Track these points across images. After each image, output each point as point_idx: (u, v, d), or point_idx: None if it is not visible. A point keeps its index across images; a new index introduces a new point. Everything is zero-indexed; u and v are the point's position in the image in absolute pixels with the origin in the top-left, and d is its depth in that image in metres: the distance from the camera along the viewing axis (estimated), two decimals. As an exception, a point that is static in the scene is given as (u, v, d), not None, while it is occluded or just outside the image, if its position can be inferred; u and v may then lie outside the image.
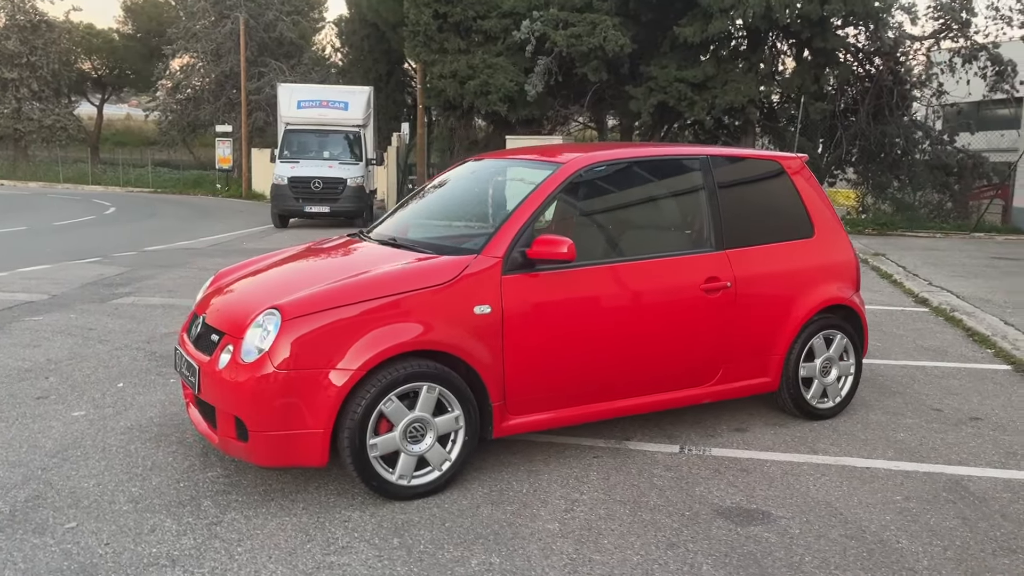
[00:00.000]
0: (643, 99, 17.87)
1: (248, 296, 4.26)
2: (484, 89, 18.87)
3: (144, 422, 5.03)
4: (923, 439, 4.88)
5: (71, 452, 4.53)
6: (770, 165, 5.21)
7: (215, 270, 5.31)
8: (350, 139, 19.74)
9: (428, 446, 3.96)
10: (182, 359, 4.31)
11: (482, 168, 5.25)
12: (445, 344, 3.94)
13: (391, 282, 3.98)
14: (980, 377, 6.27)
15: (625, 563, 3.38)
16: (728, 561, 3.40)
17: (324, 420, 3.74)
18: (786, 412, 5.21)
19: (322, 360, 3.74)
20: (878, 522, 3.78)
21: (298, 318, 3.77)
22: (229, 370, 3.82)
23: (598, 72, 17.74)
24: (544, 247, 4.10)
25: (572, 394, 4.35)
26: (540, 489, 4.11)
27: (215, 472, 4.29)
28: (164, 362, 6.41)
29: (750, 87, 17.18)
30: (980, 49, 17.70)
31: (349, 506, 3.90)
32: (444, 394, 3.96)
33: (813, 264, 5.10)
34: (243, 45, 29.81)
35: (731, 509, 3.91)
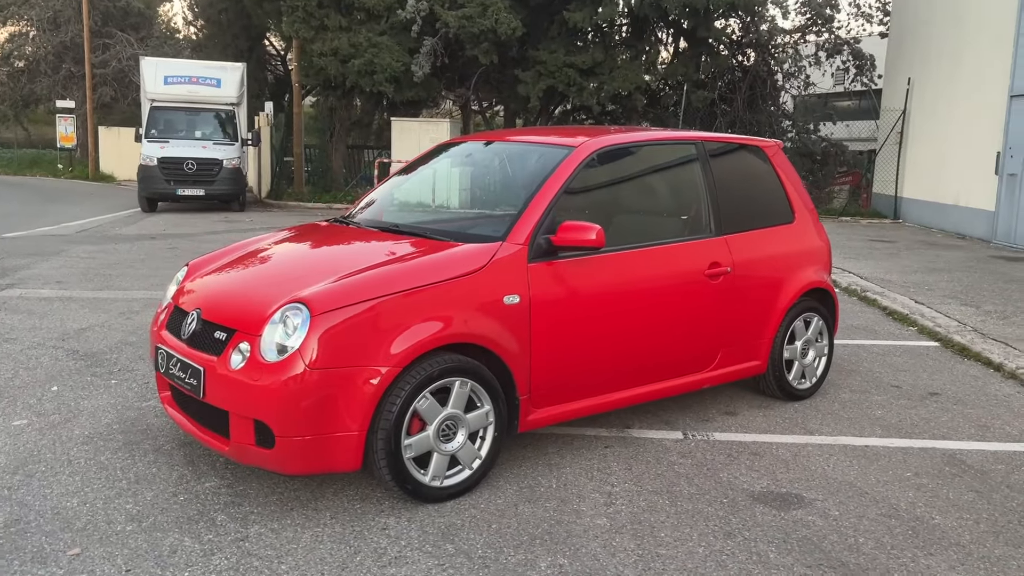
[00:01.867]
0: (532, 83, 17.87)
1: (253, 289, 3.89)
2: (369, 69, 18.27)
3: (103, 430, 4.53)
4: (900, 416, 5.09)
5: (33, 467, 4.01)
6: (753, 150, 5.27)
7: (95, 258, 4.85)
8: (223, 118, 18.68)
9: (460, 444, 3.76)
10: (170, 359, 3.89)
11: (479, 151, 5.03)
12: (478, 337, 3.74)
13: (421, 272, 3.74)
14: (917, 354, 6.64)
15: (693, 555, 3.32)
16: (789, 547, 3.41)
17: (359, 421, 3.47)
18: (767, 394, 5.31)
19: (356, 357, 3.46)
20: (905, 500, 3.90)
21: (328, 312, 3.46)
22: (248, 371, 3.47)
23: (489, 55, 17.57)
24: (571, 233, 3.96)
25: (591, 384, 4.25)
26: (569, 483, 3.99)
27: (212, 482, 3.91)
28: (92, 361, 5.82)
29: (637, 74, 17.52)
30: (844, 44, 18.82)
31: (379, 512, 3.64)
32: (475, 389, 3.76)
33: (795, 249, 5.21)
34: (86, 13, 27.58)
35: (764, 494, 3.92)
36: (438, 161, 5.11)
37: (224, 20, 27.71)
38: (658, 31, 19.46)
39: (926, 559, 3.34)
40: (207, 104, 18.69)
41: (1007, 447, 4.62)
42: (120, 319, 7.15)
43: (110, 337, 6.51)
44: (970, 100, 14.60)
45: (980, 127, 14.20)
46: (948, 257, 11.96)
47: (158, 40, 34.16)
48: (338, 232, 4.60)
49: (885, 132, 17.70)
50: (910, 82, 16.84)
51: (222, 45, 27.93)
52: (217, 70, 19.35)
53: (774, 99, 19.43)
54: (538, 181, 4.18)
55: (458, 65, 19.44)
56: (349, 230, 4.59)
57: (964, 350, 6.65)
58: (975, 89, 14.42)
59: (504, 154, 4.80)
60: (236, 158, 18.01)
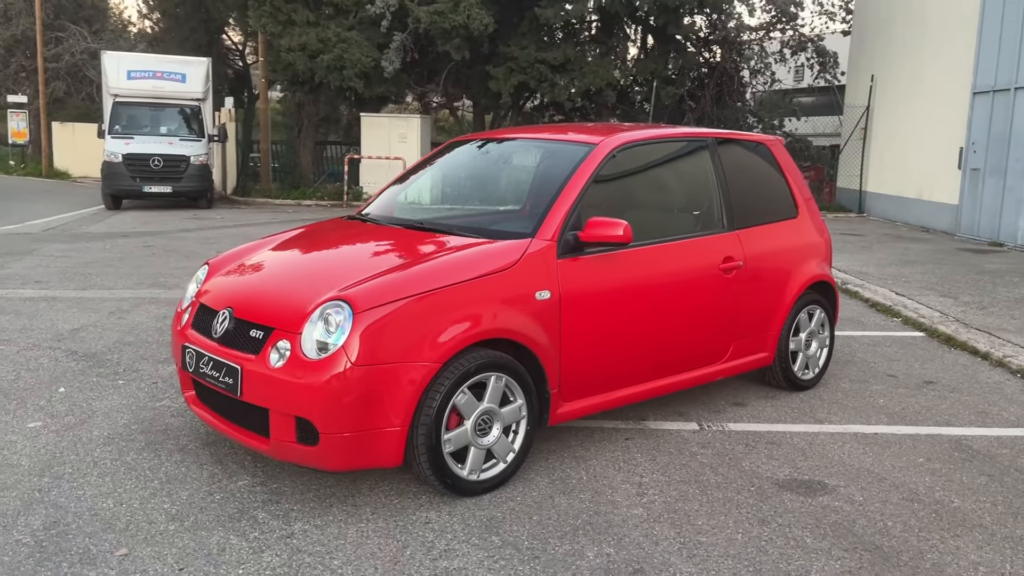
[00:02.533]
0: (504, 79, 17.91)
1: (287, 286, 3.89)
2: (339, 64, 18.14)
3: (121, 430, 4.49)
4: (902, 404, 5.26)
5: (59, 469, 3.97)
6: (758, 147, 5.38)
7: (70, 257, 4.82)
8: (188, 113, 18.39)
9: (495, 438, 3.81)
10: (201, 358, 3.87)
11: (495, 148, 5.05)
12: (513, 332, 3.80)
13: (457, 268, 3.77)
14: (905, 344, 6.84)
15: (733, 542, 3.42)
16: (823, 532, 3.52)
17: (402, 417, 3.50)
18: (772, 385, 5.44)
19: (398, 353, 3.49)
20: (923, 484, 4.04)
21: (371, 309, 3.49)
22: (290, 369, 3.47)
23: (461, 51, 17.56)
24: (599, 229, 4.03)
25: (615, 378, 4.33)
26: (599, 475, 4.06)
27: (244, 480, 3.91)
28: (94, 362, 5.75)
29: (608, 70, 17.66)
30: (808, 41, 19.18)
31: (418, 506, 3.68)
32: (509, 384, 3.81)
33: (800, 243, 5.35)
34: (38, 6, 26.89)
35: (789, 481, 4.04)
36: (452, 158, 5.15)
37: (181, 13, 27.27)
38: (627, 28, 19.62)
39: (954, 540, 3.48)
40: (172, 99, 18.39)
41: (1008, 432, 4.81)
42: (111, 319, 7.05)
43: (106, 337, 6.42)
44: (933, 97, 14.99)
45: (943, 123, 14.59)
46: (917, 250, 12.30)
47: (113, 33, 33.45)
48: (360, 229, 4.61)
49: (849, 128, 18.09)
50: (873, 79, 17.23)
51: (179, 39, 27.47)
52: (182, 64, 19.04)
53: (740, 96, 19.73)
54: (563, 178, 4.24)
55: (428, 61, 19.38)
56: (371, 227, 4.60)
57: (950, 340, 6.86)
58: (938, 86, 14.81)
59: (522, 151, 4.85)
60: (203, 154, 17.78)
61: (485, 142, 5.18)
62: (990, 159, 13.30)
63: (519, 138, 4.98)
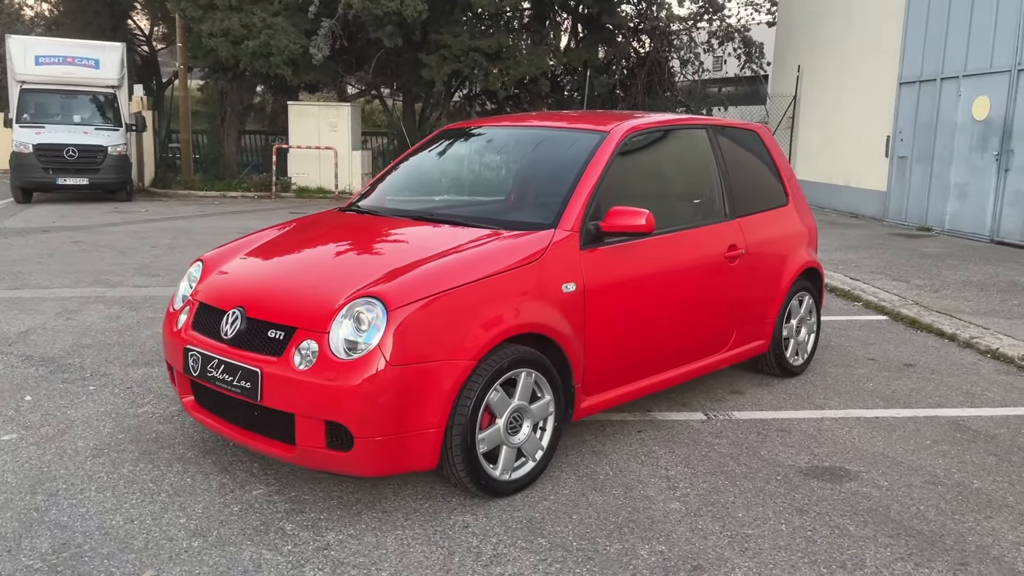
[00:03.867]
0: (437, 67, 17.63)
1: (304, 283, 3.66)
2: (265, 51, 17.53)
3: (108, 440, 4.19)
4: (891, 387, 5.36)
5: (51, 485, 3.66)
6: (749, 134, 5.38)
7: None
8: (102, 101, 17.51)
9: (526, 436, 3.69)
10: (208, 362, 3.62)
11: (500, 137, 4.88)
12: (542, 326, 3.67)
13: (484, 261, 3.62)
14: (873, 328, 7.00)
15: (779, 533, 3.39)
16: (863, 519, 3.52)
17: (438, 417, 3.34)
18: (764, 372, 5.47)
19: (433, 351, 3.33)
20: (939, 467, 4.10)
21: (405, 306, 3.31)
22: (319, 370, 3.27)
23: (393, 38, 17.19)
24: (621, 219, 3.94)
25: (633, 370, 4.26)
26: (623, 470, 3.98)
27: (259, 489, 3.68)
28: (55, 367, 5.37)
29: (542, 59, 17.59)
30: (735, 32, 19.53)
31: (451, 510, 3.53)
32: (538, 379, 3.69)
33: (791, 231, 5.38)
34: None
35: (811, 469, 4.04)
36: (446, 147, 4.97)
37: (83, -5, 25.91)
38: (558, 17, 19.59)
39: (987, 522, 3.53)
40: (85, 87, 17.46)
41: (999, 412, 4.94)
42: (60, 320, 6.61)
43: (60, 340, 6.01)
44: (860, 87, 15.45)
45: (870, 112, 15.06)
46: (855, 235, 12.66)
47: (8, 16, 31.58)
48: (365, 221, 4.40)
49: (776, 117, 18.51)
50: (800, 69, 17.67)
51: (82, 23, 26.11)
52: (95, 50, 18.08)
53: (670, 85, 19.97)
54: (578, 166, 4.13)
55: (356, 48, 18.93)
56: (376, 219, 4.39)
57: (915, 323, 7.06)
58: (865, 76, 15.28)
59: (529, 140, 4.70)
60: (122, 144, 16.99)
61: (481, 130, 5.01)
62: (917, 147, 13.80)
63: (519, 126, 4.83)
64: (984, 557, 3.24)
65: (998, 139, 11.92)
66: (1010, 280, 8.83)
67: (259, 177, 19.76)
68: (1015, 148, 11.61)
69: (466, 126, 5.13)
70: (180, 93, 20.35)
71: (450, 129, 5.15)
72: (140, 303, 7.29)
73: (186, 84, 20.40)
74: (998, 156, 11.92)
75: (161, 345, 5.90)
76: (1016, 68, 11.62)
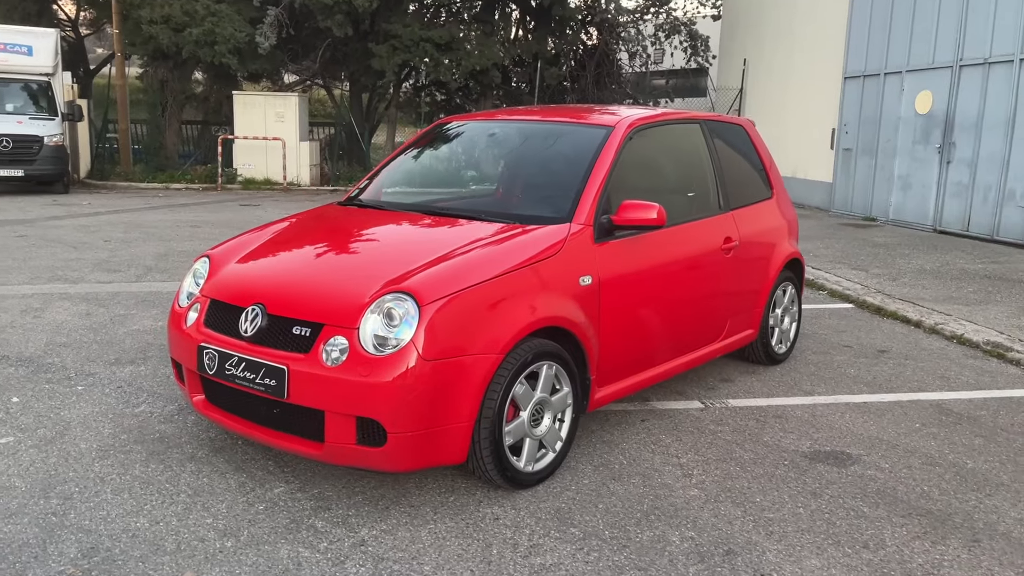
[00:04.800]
0: (387, 58, 17.46)
1: (328, 279, 3.63)
2: (209, 39, 17.11)
3: (112, 441, 4.09)
4: (871, 373, 5.56)
5: (64, 489, 3.57)
6: (738, 128, 5.50)
7: None
8: (36, 90, 16.85)
9: (547, 428, 3.74)
10: (227, 359, 3.56)
11: (503, 130, 4.89)
12: (564, 319, 3.72)
13: (507, 255, 3.65)
14: (842, 316, 7.24)
15: (799, 517, 3.51)
16: (875, 500, 3.67)
17: (468, 411, 3.37)
18: (751, 360, 5.62)
19: (464, 346, 3.34)
20: (932, 449, 4.29)
21: (436, 301, 3.32)
22: (351, 366, 3.26)
23: (343, 27, 16.96)
24: (633, 212, 4.00)
25: (641, 360, 4.34)
26: (636, 459, 4.06)
27: (280, 487, 3.65)
28: (35, 367, 5.22)
29: (493, 51, 17.57)
30: (681, 25, 19.82)
31: (477, 503, 3.56)
32: (558, 372, 3.74)
33: (777, 223, 5.53)
34: None
35: (815, 453, 4.19)
36: (449, 140, 4.96)
37: (5, -22, 24.85)
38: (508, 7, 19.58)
39: (988, 500, 3.72)
40: (18, 74, 16.79)
41: (975, 395, 5.18)
42: (27, 318, 6.39)
43: (34, 339, 5.82)
44: (805, 81, 15.86)
45: (816, 105, 15.48)
46: (805, 225, 12.97)
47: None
48: (374, 216, 4.37)
49: (721, 110, 18.86)
50: (745, 63, 18.04)
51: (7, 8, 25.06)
52: (28, 36, 17.38)
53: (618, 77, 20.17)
54: (587, 160, 4.18)
55: (302, 37, 18.63)
56: (385, 214, 4.37)
57: (880, 310, 7.32)
58: (810, 71, 15.69)
59: (532, 134, 4.72)
60: (59, 135, 16.40)
61: (479, 124, 5.02)
62: (861, 139, 14.24)
63: (520, 120, 4.85)
64: (993, 533, 3.41)
65: (940, 132, 12.39)
66: (960, 268, 9.21)
67: (203, 168, 19.29)
68: (957, 141, 12.08)
69: (463, 119, 5.13)
70: (117, 82, 19.70)
71: (446, 122, 5.14)
72: (108, 300, 7.09)
73: (123, 72, 19.77)
74: (940, 149, 12.38)
75: (142, 343, 5.77)
76: (958, 63, 12.08)
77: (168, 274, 8.25)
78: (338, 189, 18.44)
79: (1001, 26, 11.32)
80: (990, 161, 11.48)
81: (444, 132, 5.03)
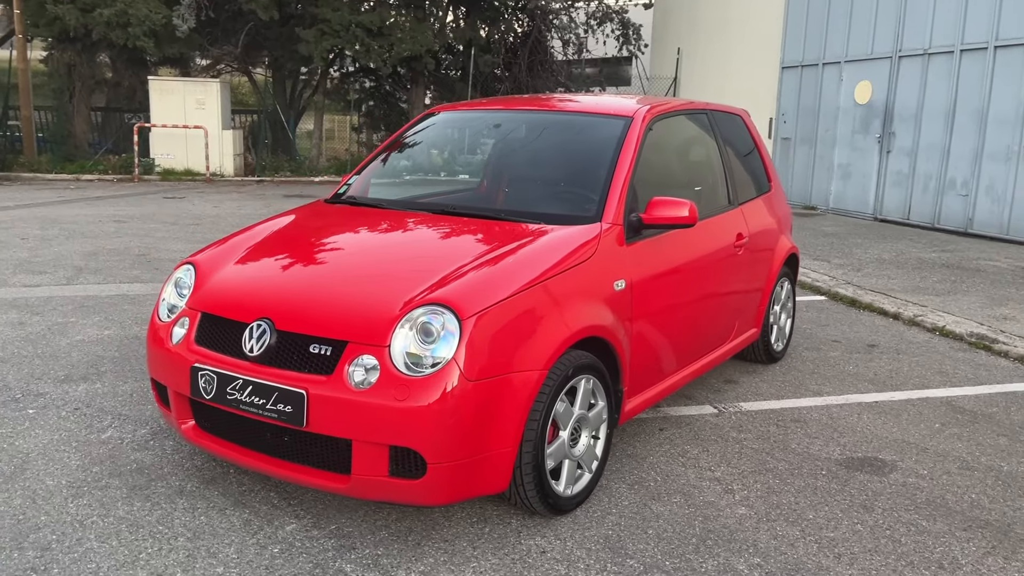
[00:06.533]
0: (315, 42, 16.73)
1: (344, 289, 3.21)
2: (122, 20, 16.06)
3: (82, 475, 3.58)
4: (871, 370, 5.44)
5: (39, 537, 3.08)
6: (736, 118, 5.28)
7: None
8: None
9: (585, 446, 3.43)
10: (229, 383, 3.12)
11: (508, 121, 4.50)
12: (602, 328, 3.41)
13: (540, 260, 3.30)
14: (819, 309, 7.15)
15: (860, 535, 3.29)
16: (929, 513, 3.48)
17: (513, 434, 3.03)
18: (749, 359, 5.43)
19: (507, 363, 3.00)
20: (963, 451, 4.15)
21: (477, 314, 2.96)
22: (383, 389, 2.87)
23: (268, 10, 16.16)
24: (663, 210, 3.72)
25: (663, 368, 4.07)
26: (669, 474, 3.79)
27: (291, 524, 3.24)
28: (-28, 386, 4.60)
29: (426, 37, 17.04)
30: (613, 13, 19.68)
31: (515, 533, 3.22)
32: (595, 386, 3.43)
33: (777, 217, 5.34)
34: None
35: (848, 461, 4.00)
36: (447, 133, 4.57)
37: None
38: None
39: (1039, 506, 3.59)
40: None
41: (979, 390, 5.10)
42: (-48, 328, 5.72)
43: (-36, 353, 5.18)
44: (742, 70, 15.92)
45: (753, 95, 15.54)
46: (750, 215, 13.03)
47: None
48: (378, 215, 3.94)
49: (655, 98, 18.81)
50: (680, 51, 18.03)
51: None
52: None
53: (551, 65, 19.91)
54: (610, 154, 3.87)
55: (222, 20, 17.71)
56: (391, 213, 3.95)
57: (854, 302, 7.26)
58: (747, 60, 15.75)
59: (543, 125, 4.37)
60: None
61: (479, 114, 4.64)
62: (800, 129, 14.36)
63: (523, 110, 4.49)
64: (1059, 544, 3.27)
65: (880, 122, 12.56)
66: (916, 257, 9.30)
67: (117, 159, 18.19)
68: (897, 131, 12.26)
69: (457, 109, 4.73)
70: (19, 65, 18.35)
71: (437, 112, 4.73)
72: (40, 306, 6.43)
73: (25, 55, 18.42)
74: (880, 138, 12.56)
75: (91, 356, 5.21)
76: (897, 54, 12.24)
77: (103, 275, 7.58)
78: (264, 180, 17.66)
79: (941, 18, 11.51)
80: (930, 150, 11.68)
81: (439, 123, 4.62)
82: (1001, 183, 10.70)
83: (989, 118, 10.83)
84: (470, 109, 4.67)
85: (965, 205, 11.20)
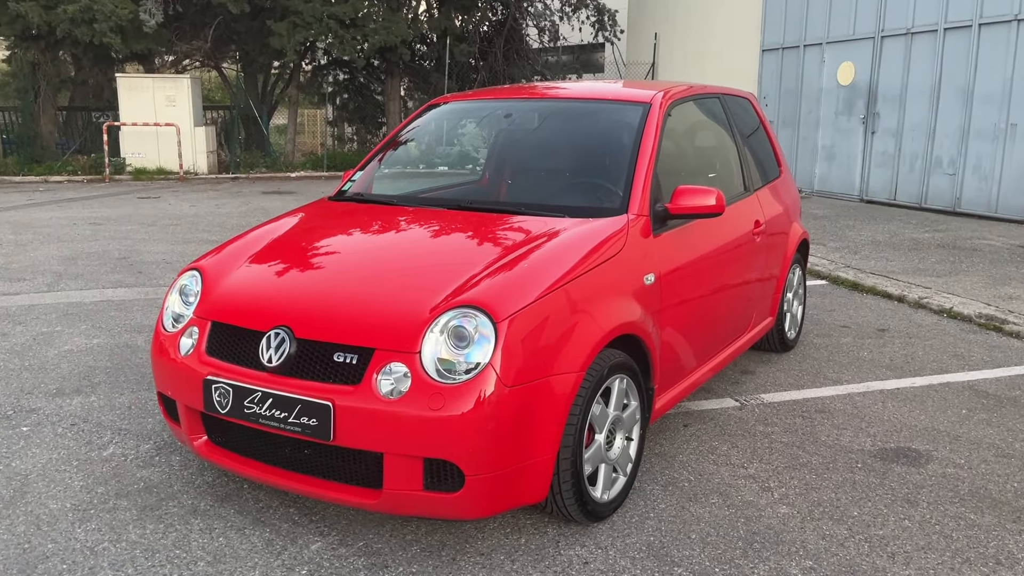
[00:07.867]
0: (288, 35, 16.38)
1: (367, 292, 3.02)
2: (87, 16, 15.60)
3: (87, 497, 3.38)
4: (887, 355, 5.34)
5: (48, 567, 2.88)
6: (744, 102, 5.13)
7: None
8: None
9: (620, 449, 3.28)
10: (247, 395, 2.93)
11: (519, 110, 4.30)
12: (635, 325, 3.25)
13: (569, 255, 3.14)
14: (822, 293, 7.06)
15: (909, 532, 3.17)
16: (975, 505, 3.38)
17: (552, 441, 2.87)
18: (763, 348, 5.31)
19: (545, 366, 2.84)
20: (997, 438, 4.06)
21: (513, 315, 2.79)
22: (416, 398, 2.70)
23: (239, 3, 15.80)
24: (690, 199, 3.57)
25: (688, 363, 3.92)
26: (702, 473, 3.66)
27: (316, 542, 3.06)
28: (-42, 403, 4.36)
29: (401, 27, 16.75)
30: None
31: (552, 544, 3.07)
32: (629, 385, 3.28)
33: (787, 203, 5.22)
34: None
35: (882, 452, 3.88)
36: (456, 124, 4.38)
37: None
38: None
39: (1084, 493, 3.49)
40: None
41: (998, 373, 5.03)
42: (-70, 342, 5.45)
43: (-54, 368, 4.92)
44: (722, 53, 15.82)
45: (733, 78, 15.40)
46: (737, 200, 12.95)
47: None
48: (392, 213, 3.75)
49: (633, 84, 18.68)
50: (657, 36, 17.89)
51: None
52: None
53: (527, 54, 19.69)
54: (630, 141, 3.71)
55: (190, 14, 17.29)
56: (405, 210, 3.76)
57: (856, 286, 7.17)
58: (727, 44, 15.65)
59: (556, 113, 4.19)
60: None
61: (485, 103, 4.45)
62: (783, 111, 14.29)
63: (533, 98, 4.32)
64: (1112, 534, 3.17)
65: (864, 103, 12.51)
66: (910, 238, 9.25)
67: (86, 159, 17.74)
68: (881, 111, 12.22)
69: (462, 99, 4.54)
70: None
71: (442, 102, 4.53)
72: (22, 315, 6.16)
73: (-11, 55, 17.93)
74: (864, 119, 12.52)
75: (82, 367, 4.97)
76: (880, 34, 12.19)
77: (84, 280, 7.30)
78: (239, 176, 17.31)
79: (923, -4, 11.46)
80: (916, 130, 11.65)
81: (446, 114, 4.43)
82: (988, 161, 10.69)
83: (975, 96, 10.81)
84: (476, 99, 4.48)
85: (952, 184, 11.18)
